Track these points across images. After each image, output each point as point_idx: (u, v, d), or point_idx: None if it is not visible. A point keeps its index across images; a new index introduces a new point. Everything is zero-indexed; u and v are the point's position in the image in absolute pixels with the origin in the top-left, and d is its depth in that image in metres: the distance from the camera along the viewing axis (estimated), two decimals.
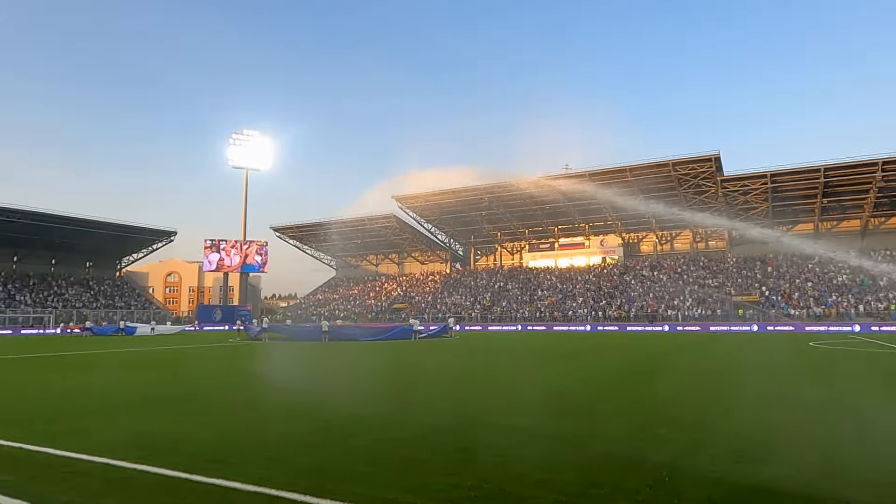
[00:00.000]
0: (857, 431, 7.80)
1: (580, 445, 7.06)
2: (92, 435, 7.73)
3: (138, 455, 6.43)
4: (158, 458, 6.29)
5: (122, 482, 5.60)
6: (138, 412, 9.84)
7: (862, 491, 5.12)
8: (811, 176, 55.18)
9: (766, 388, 12.92)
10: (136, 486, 5.48)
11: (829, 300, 53.52)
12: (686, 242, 71.94)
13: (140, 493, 5.28)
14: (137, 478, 5.72)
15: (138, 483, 5.58)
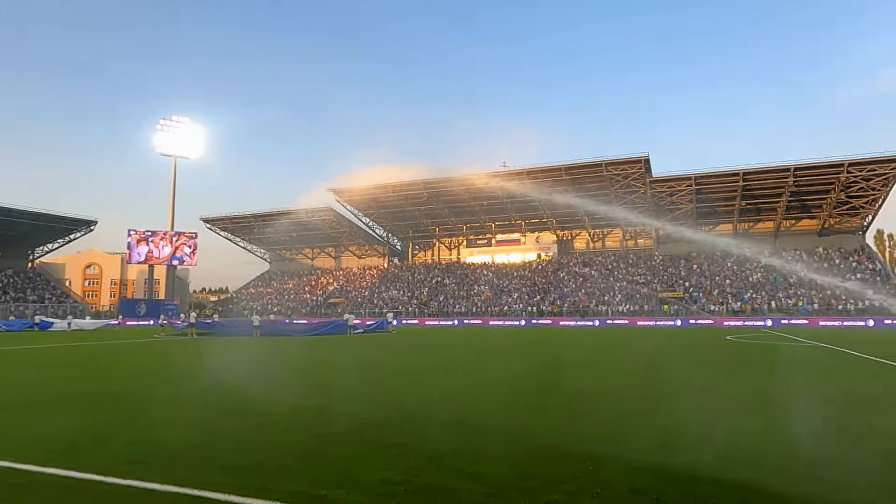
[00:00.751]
0: (768, 419, 8.34)
1: (513, 439, 7.19)
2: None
3: (48, 457, 6.03)
4: (71, 460, 5.92)
5: (26, 486, 5.23)
6: (52, 411, 9.22)
7: (773, 476, 5.47)
8: (731, 179, 58.50)
9: (686, 380, 13.61)
10: (43, 490, 5.14)
11: (745, 297, 57.02)
12: (617, 240, 74.66)
13: (47, 498, 4.95)
14: (45, 481, 5.36)
15: (45, 486, 5.23)
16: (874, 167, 54.29)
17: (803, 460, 6.09)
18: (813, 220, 64.88)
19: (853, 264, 59.74)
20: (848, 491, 5.02)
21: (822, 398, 10.44)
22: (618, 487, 5.12)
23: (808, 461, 6.04)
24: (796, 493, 4.95)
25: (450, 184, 68.93)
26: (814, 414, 8.88)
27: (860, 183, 56.12)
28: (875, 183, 56.00)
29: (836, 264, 60.05)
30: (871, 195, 58.29)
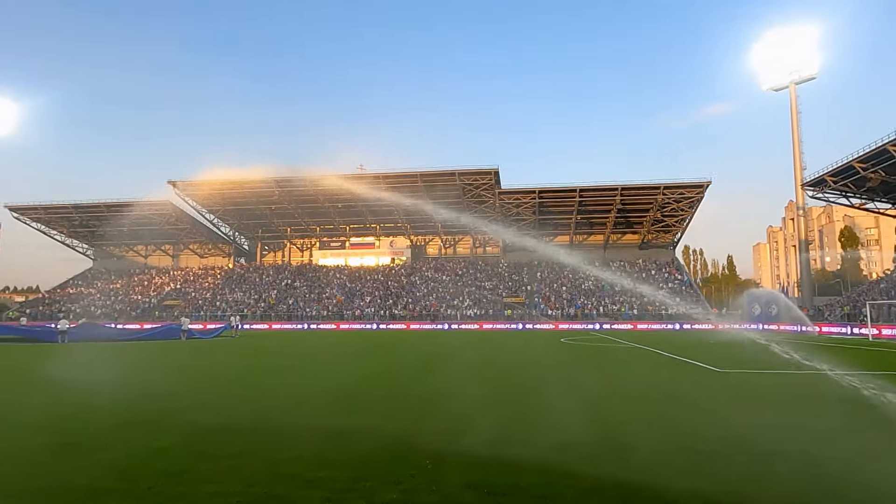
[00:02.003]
0: (593, 416, 9.22)
1: (354, 441, 7.18)
2: None
3: None
4: None
5: None
6: None
7: (591, 464, 6.07)
8: (569, 195, 63.89)
9: (522, 378, 14.57)
10: None
11: (578, 302, 62.44)
12: (467, 247, 77.78)
13: None
14: None
15: None
16: (683, 191, 62.60)
17: (617, 447, 6.83)
18: (635, 235, 73.00)
19: (665, 275, 68.20)
20: (649, 472, 5.72)
21: (632, 392, 11.78)
22: (453, 483, 5.35)
23: (620, 446, 6.78)
24: (607, 476, 5.54)
25: (303, 183, 67.00)
26: (625, 405, 9.99)
27: (672, 204, 64.37)
28: (684, 205, 64.58)
29: (653, 275, 68.13)
30: (680, 215, 67.09)
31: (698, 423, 8.50)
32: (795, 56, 58.28)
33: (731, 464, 6.08)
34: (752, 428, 7.98)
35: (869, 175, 46.33)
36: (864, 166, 45.60)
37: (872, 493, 5.13)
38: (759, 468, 5.91)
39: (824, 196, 55.54)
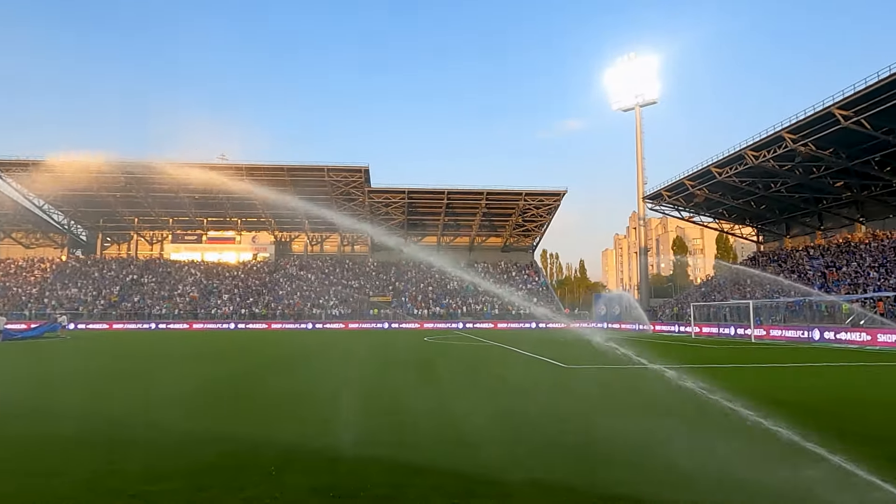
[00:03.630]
0: (444, 412, 9.44)
1: (197, 449, 6.70)
2: None
3: None
4: None
5: None
6: None
7: (438, 461, 6.19)
8: (438, 196, 65.24)
9: (378, 380, 14.58)
10: None
11: (444, 302, 63.97)
12: (335, 245, 76.35)
13: None
14: None
15: None
16: (543, 198, 66.65)
17: (464, 442, 7.05)
18: (498, 238, 76.35)
19: (525, 276, 72.13)
20: (492, 465, 5.97)
21: (484, 388, 12.29)
22: (298, 489, 5.19)
23: (467, 441, 7.01)
24: (453, 471, 5.69)
25: (154, 171, 61.34)
26: (476, 401, 10.38)
27: (533, 210, 68.26)
28: (543, 211, 68.76)
29: (513, 276, 71.73)
30: (539, 220, 71.34)
31: (541, 415, 9.04)
32: (640, 81, 64.58)
33: (568, 453, 6.54)
34: (588, 418, 8.67)
35: (696, 192, 52.60)
36: (693, 184, 51.68)
37: (685, 473, 5.78)
38: (594, 455, 6.41)
39: (661, 209, 62.11)
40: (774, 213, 55.29)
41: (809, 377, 15.21)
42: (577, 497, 4.95)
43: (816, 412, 9.26)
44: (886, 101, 31.57)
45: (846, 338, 30.04)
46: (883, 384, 13.89)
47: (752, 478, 5.22)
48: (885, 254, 39.22)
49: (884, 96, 31.63)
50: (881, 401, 10.94)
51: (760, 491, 4.82)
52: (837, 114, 34.37)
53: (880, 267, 37.67)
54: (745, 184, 47.75)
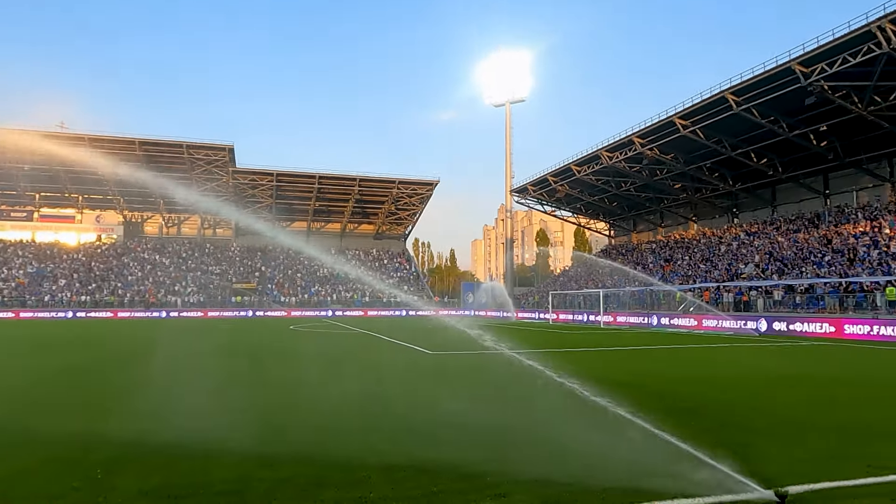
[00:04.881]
0: (302, 400, 9.16)
1: (11, 453, 5.88)
2: None
3: None
4: None
5: None
6: None
7: (292, 451, 5.97)
8: (309, 180, 63.29)
9: (235, 370, 13.86)
10: None
11: (313, 289, 62.40)
12: (194, 227, 71.21)
13: None
14: None
15: None
16: (416, 187, 67.26)
17: (325, 429, 6.88)
18: (371, 226, 75.88)
19: (397, 265, 72.48)
20: (352, 452, 5.88)
21: (349, 375, 12.16)
22: (127, 492, 4.73)
23: (329, 429, 6.85)
24: (307, 460, 5.52)
25: None
26: (339, 388, 10.23)
27: (406, 198, 68.66)
28: (416, 200, 69.43)
29: (385, 264, 71.77)
30: (412, 209, 71.95)
31: (400, 402, 9.12)
32: (511, 78, 67.20)
33: (425, 437, 6.63)
34: (447, 403, 8.88)
35: (558, 188, 56.08)
36: (555, 180, 55.01)
37: (530, 445, 6.11)
38: (451, 438, 6.56)
39: (526, 202, 65.43)
40: (624, 210, 60.57)
41: (643, 359, 16.87)
42: (431, 479, 5.02)
43: (645, 389, 10.28)
44: (716, 115, 35.75)
45: (678, 323, 33.80)
46: (701, 363, 15.78)
47: (589, 451, 5.65)
48: (711, 249, 44.61)
49: (714, 111, 35.78)
50: (698, 378, 12.41)
51: (596, 462, 5.22)
52: (678, 123, 38.32)
53: (707, 261, 42.81)
54: (601, 182, 51.75)
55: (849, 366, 15.13)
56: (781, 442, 6.38)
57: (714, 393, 10.16)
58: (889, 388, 11.03)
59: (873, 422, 7.64)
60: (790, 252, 36.10)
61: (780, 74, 30.94)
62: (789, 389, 10.79)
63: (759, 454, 5.67)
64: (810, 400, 9.61)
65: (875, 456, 5.64)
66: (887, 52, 26.08)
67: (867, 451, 5.91)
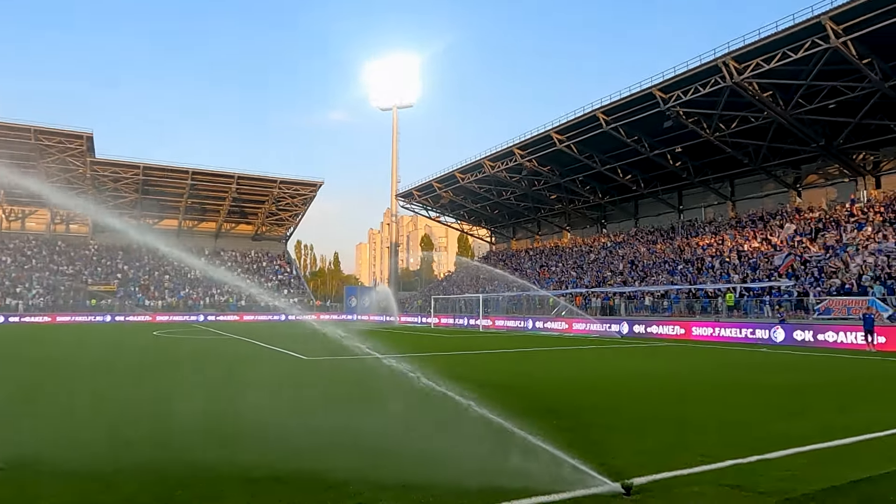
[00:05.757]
0: (158, 411, 8.43)
1: None
2: None
3: None
4: None
5: None
6: None
7: (138, 467, 5.43)
8: (180, 176, 59.02)
9: (82, 381, 12.54)
10: None
11: (182, 292, 58.23)
12: (43, 222, 63.57)
13: None
14: None
15: None
16: (299, 188, 65.21)
17: (171, 442, 6.35)
18: (249, 226, 72.36)
19: (276, 267, 69.74)
20: (216, 465, 5.46)
21: (212, 385, 11.42)
22: None
23: (187, 443, 6.32)
24: (154, 475, 5.05)
25: None
26: (201, 398, 9.55)
27: (288, 199, 66.32)
28: (298, 201, 67.29)
29: (264, 266, 68.78)
30: (294, 210, 69.67)
31: (273, 408, 8.70)
32: (399, 83, 67.33)
33: (290, 444, 6.34)
34: (319, 409, 8.60)
35: (443, 194, 57.06)
36: (440, 186, 55.92)
37: (394, 450, 6.05)
38: (318, 445, 6.31)
39: (412, 207, 65.84)
40: (504, 218, 62.96)
41: (515, 361, 17.55)
42: (292, 490, 4.79)
43: (513, 390, 10.67)
44: (588, 131, 38.28)
45: (552, 326, 35.66)
46: (568, 364, 16.73)
47: (455, 454, 5.70)
48: (582, 257, 47.64)
49: (587, 128, 38.29)
50: (563, 378, 13.12)
51: (461, 465, 5.28)
52: (555, 137, 40.55)
53: (579, 268, 45.64)
54: (483, 190, 53.39)
55: (692, 364, 16.77)
56: (630, 436, 6.87)
57: (575, 392, 10.78)
58: (723, 384, 12.35)
59: (708, 414, 8.49)
60: (649, 261, 39.49)
61: (643, 98, 33.80)
62: (640, 387, 11.72)
63: (610, 449, 6.06)
64: (657, 396, 10.49)
65: (707, 445, 6.24)
66: (730, 85, 29.43)
67: (701, 441, 6.53)
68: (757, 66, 28.29)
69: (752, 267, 31.18)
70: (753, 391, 11.04)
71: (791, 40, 26.76)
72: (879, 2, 23.52)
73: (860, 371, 14.35)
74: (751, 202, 40.45)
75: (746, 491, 4.67)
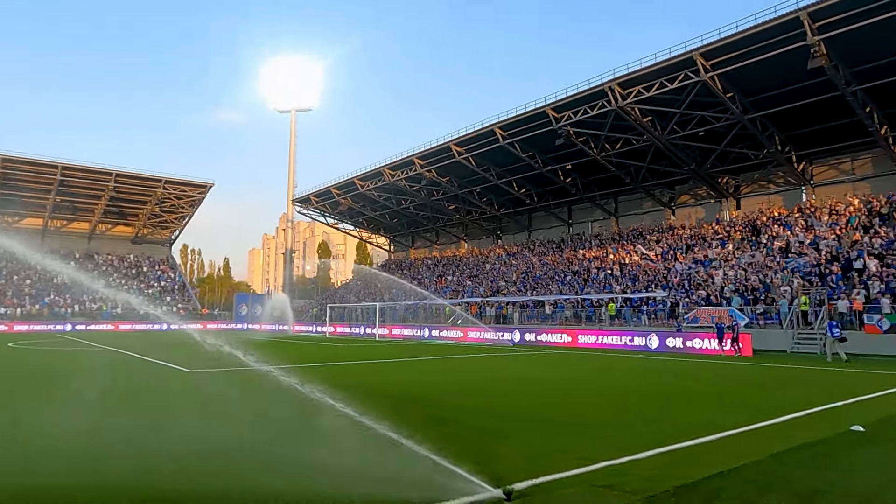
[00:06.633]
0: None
1: None
2: None
3: None
4: None
5: None
6: None
7: None
8: (48, 171, 53.48)
9: None
10: None
11: (46, 299, 52.69)
12: None
13: None
14: None
15: None
16: (186, 188, 61.41)
17: (32, 466, 5.68)
18: (129, 228, 67.06)
19: (159, 273, 65.08)
20: (91, 488, 4.92)
21: (74, 401, 10.38)
22: None
23: (37, 468, 5.66)
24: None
25: None
26: (65, 417, 8.64)
27: (174, 200, 62.22)
28: (185, 202, 63.35)
29: (145, 272, 63.96)
30: (180, 212, 65.49)
31: (145, 425, 8.04)
32: (298, 85, 65.64)
33: (169, 464, 5.88)
34: (197, 423, 8.06)
35: (341, 200, 56.16)
36: (339, 193, 55.02)
37: (285, 466, 5.81)
38: (195, 463, 5.90)
39: (309, 213, 64.22)
40: (404, 227, 63.11)
41: (409, 370, 17.57)
42: None
43: (403, 399, 10.66)
44: (486, 145, 39.43)
45: (447, 335, 36.12)
46: (460, 372, 16.99)
47: (340, 466, 5.57)
48: (478, 267, 48.78)
49: (485, 141, 39.43)
50: (454, 386, 13.30)
51: (344, 477, 5.17)
52: (454, 149, 41.34)
53: (475, 277, 46.67)
54: (383, 198, 53.23)
55: (576, 370, 17.65)
56: (515, 442, 7.07)
57: (464, 399, 10.94)
58: (602, 389, 13.10)
59: (587, 418, 8.94)
60: (541, 271, 41.22)
61: (538, 116, 35.39)
62: (526, 393, 12.15)
63: (495, 455, 6.19)
64: (542, 402, 10.90)
65: (585, 448, 6.56)
66: (615, 109, 31.58)
67: (580, 444, 6.86)
68: (638, 93, 30.61)
69: (632, 278, 33.48)
70: (627, 395, 11.80)
71: (667, 71, 29.24)
72: (741, 42, 26.35)
73: (719, 374, 15.80)
74: (632, 218, 43.55)
75: (616, 490, 4.95)
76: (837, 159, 33.77)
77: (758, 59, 26.13)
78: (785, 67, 26.40)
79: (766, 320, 25.15)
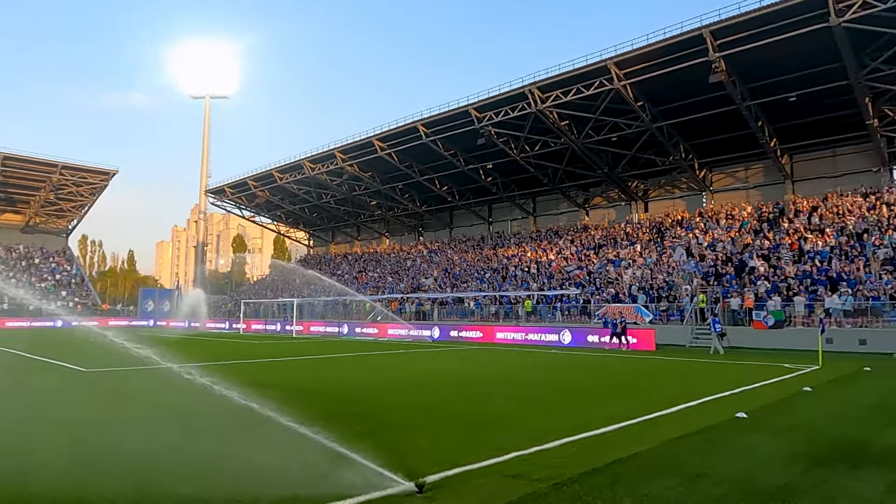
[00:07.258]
0: None
1: None
2: None
3: None
4: None
5: None
6: None
7: None
8: None
9: None
10: None
11: None
12: None
13: None
14: None
15: None
16: (86, 175, 57.17)
17: None
18: (19, 216, 61.62)
19: (53, 265, 60.21)
20: None
21: None
22: None
23: None
24: None
25: None
26: None
27: (71, 187, 57.75)
28: (85, 190, 58.98)
29: (37, 263, 58.98)
30: (80, 200, 60.89)
31: (35, 428, 7.45)
32: (213, 70, 62.71)
33: (59, 467, 5.48)
34: (93, 425, 7.57)
35: (258, 193, 54.23)
36: (256, 185, 53.11)
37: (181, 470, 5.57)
38: (90, 466, 5.54)
39: (223, 205, 61.54)
40: (324, 222, 61.89)
41: (326, 367, 17.31)
42: None
43: (318, 396, 10.52)
44: (409, 142, 39.40)
45: (367, 331, 35.84)
46: (378, 368, 16.96)
47: (248, 464, 5.43)
48: (400, 263, 48.71)
49: (407, 138, 39.38)
50: (371, 382, 13.27)
51: (253, 475, 5.05)
52: (376, 144, 40.99)
53: (395, 273, 46.57)
54: (303, 191, 51.92)
55: (492, 365, 18.08)
56: (429, 436, 7.17)
57: (380, 395, 10.95)
58: (515, 382, 13.50)
59: (500, 410, 9.20)
60: (461, 268, 41.77)
61: (460, 115, 35.77)
62: (442, 388, 12.32)
63: (409, 449, 6.25)
64: (456, 396, 11.09)
65: (497, 439, 6.75)
66: (535, 111, 32.50)
67: (492, 436, 7.05)
68: (557, 97, 31.66)
69: (547, 276, 34.65)
70: (540, 388, 12.25)
71: (584, 78, 30.44)
72: (651, 54, 27.88)
73: (625, 368, 16.70)
74: (549, 218, 45.03)
75: (524, 479, 5.14)
76: (733, 168, 36.57)
77: (666, 71, 27.74)
78: (690, 80, 28.19)
79: (669, 317, 26.84)
